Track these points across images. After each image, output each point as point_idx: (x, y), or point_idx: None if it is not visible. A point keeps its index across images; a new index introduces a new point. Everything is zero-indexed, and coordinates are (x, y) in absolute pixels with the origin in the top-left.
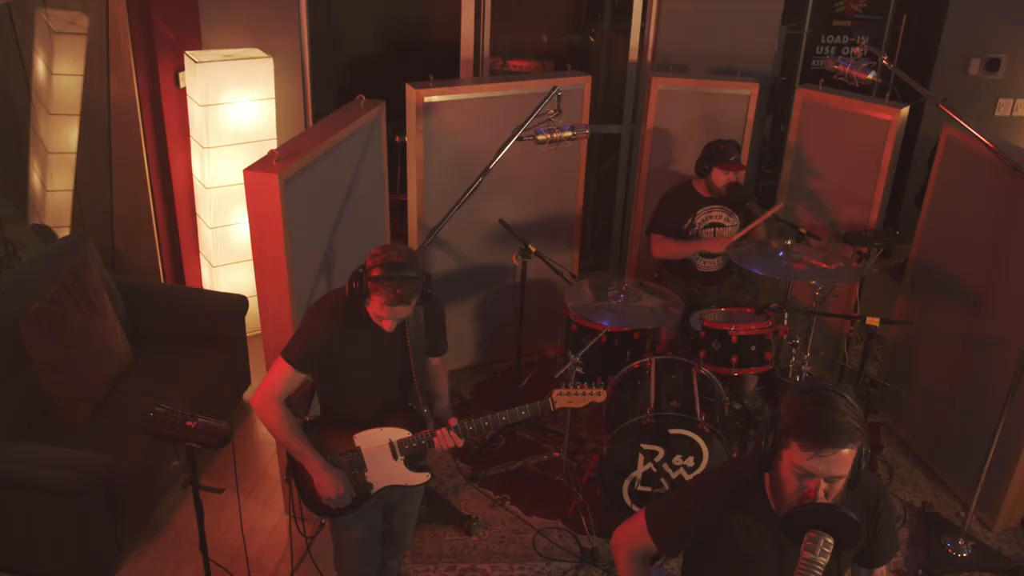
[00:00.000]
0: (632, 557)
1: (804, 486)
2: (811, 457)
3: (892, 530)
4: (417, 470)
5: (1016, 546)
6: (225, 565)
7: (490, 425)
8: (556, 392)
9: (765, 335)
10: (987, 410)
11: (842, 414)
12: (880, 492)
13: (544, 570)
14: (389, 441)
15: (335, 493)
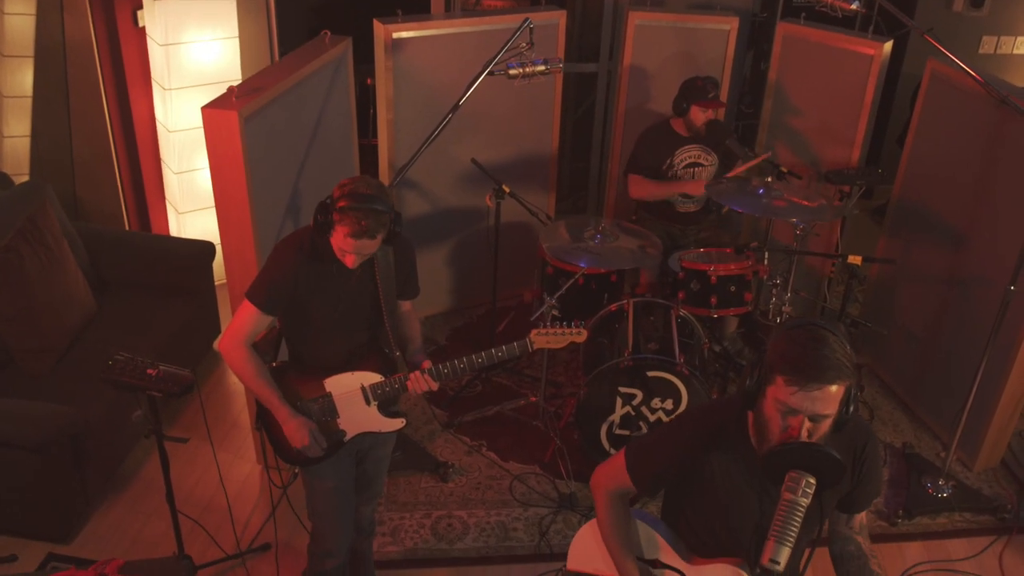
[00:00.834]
0: (611, 498)
1: (787, 425)
2: (796, 392)
3: (876, 476)
4: (391, 416)
5: (996, 486)
6: (196, 516)
7: (466, 367)
8: (534, 332)
9: (745, 275)
10: (969, 350)
11: (831, 350)
12: (867, 436)
13: (522, 516)
14: (361, 386)
15: (304, 441)
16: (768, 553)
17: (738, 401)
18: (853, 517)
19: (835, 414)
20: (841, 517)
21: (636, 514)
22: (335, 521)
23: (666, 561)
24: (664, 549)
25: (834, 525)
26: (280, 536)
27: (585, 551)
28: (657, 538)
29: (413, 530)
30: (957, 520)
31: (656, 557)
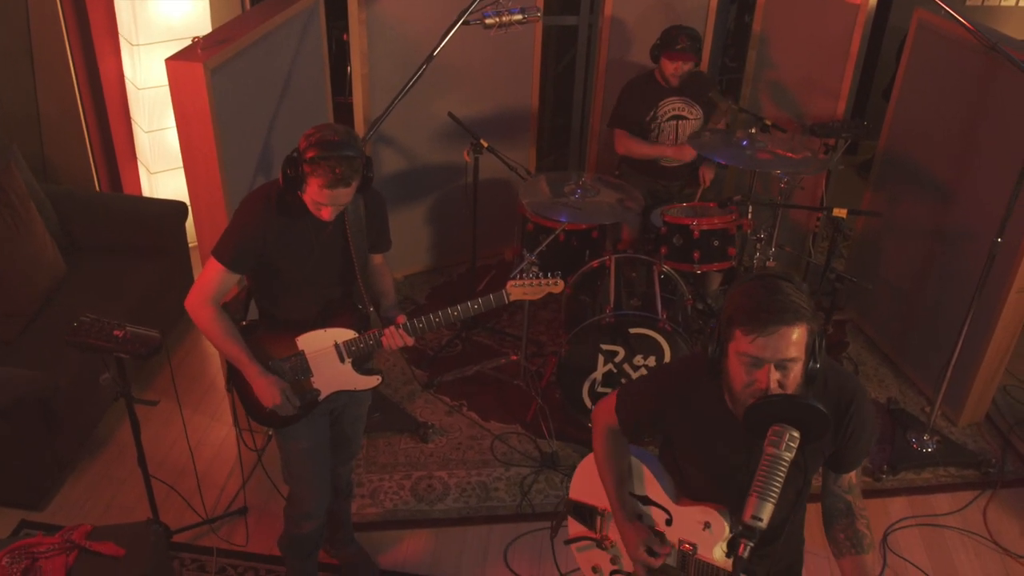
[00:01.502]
0: (607, 432)
1: (754, 379)
2: (755, 339)
3: (864, 435)
4: (366, 373)
5: (981, 441)
6: (172, 481)
7: (441, 321)
8: (510, 284)
9: (728, 229)
10: (954, 305)
11: (784, 295)
12: (854, 393)
13: (503, 475)
14: (334, 343)
15: (276, 400)
16: (750, 509)
17: (705, 365)
18: (841, 476)
19: (802, 360)
20: (830, 475)
21: (633, 451)
22: (311, 483)
23: (655, 499)
24: (654, 487)
25: (825, 482)
26: (257, 500)
27: (585, 482)
28: (649, 475)
29: (393, 491)
30: (942, 475)
31: (646, 494)
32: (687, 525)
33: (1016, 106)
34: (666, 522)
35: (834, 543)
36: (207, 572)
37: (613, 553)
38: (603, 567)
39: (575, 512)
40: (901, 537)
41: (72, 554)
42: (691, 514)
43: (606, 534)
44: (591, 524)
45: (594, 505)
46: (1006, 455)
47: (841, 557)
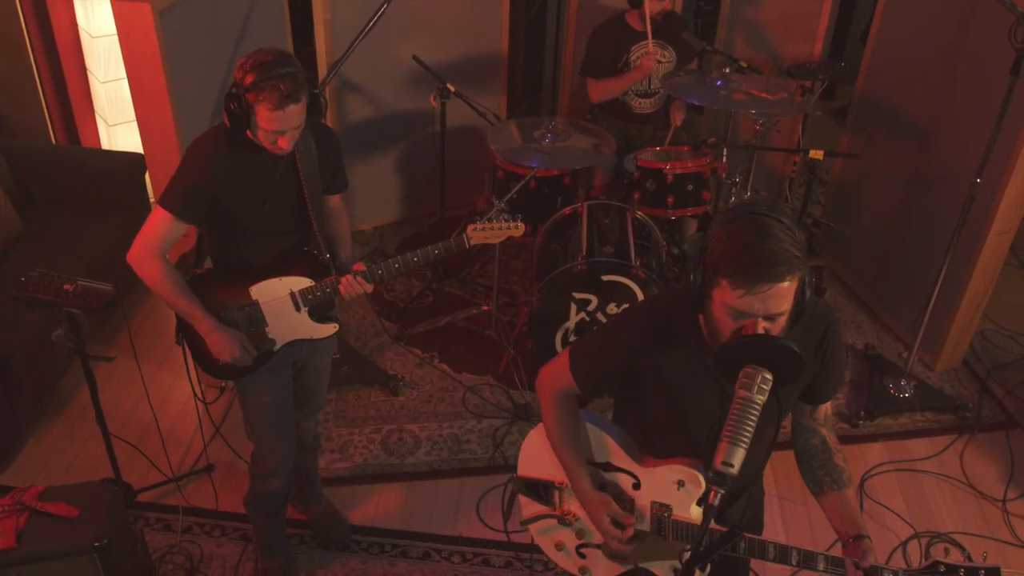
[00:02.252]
0: (557, 399)
1: (740, 327)
2: (744, 295)
3: (840, 363)
4: (323, 321)
5: (958, 385)
6: (136, 440)
7: (401, 267)
8: (470, 227)
9: (703, 173)
10: (932, 249)
11: (777, 241)
12: (828, 320)
13: (475, 428)
14: (290, 291)
15: (234, 354)
16: (721, 455)
17: (687, 296)
18: (817, 408)
19: (791, 308)
20: (805, 409)
21: (585, 416)
22: (276, 438)
23: (617, 463)
24: (615, 451)
25: (797, 418)
26: (224, 457)
27: (535, 456)
28: (607, 440)
29: (363, 445)
30: (919, 420)
31: (607, 460)
32: (658, 486)
33: (995, 45)
34: (633, 486)
35: (813, 481)
36: (173, 531)
37: (578, 528)
38: (567, 544)
39: (527, 490)
40: (878, 482)
41: (23, 516)
42: (661, 474)
43: (568, 509)
44: (548, 500)
45: (549, 480)
46: (983, 399)
47: (822, 495)
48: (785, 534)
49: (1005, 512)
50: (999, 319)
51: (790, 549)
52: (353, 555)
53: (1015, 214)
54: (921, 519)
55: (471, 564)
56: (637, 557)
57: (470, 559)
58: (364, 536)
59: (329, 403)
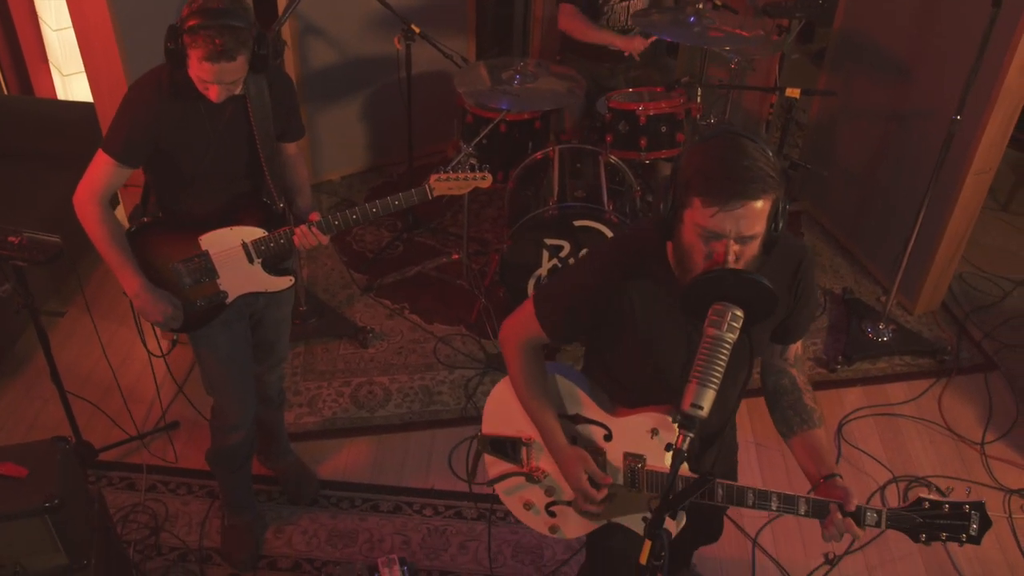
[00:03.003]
0: (523, 350)
1: (711, 250)
2: (716, 213)
3: (812, 299)
4: (278, 274)
5: (936, 328)
6: (99, 398)
7: (359, 218)
8: (433, 177)
9: (676, 114)
10: (911, 190)
11: (751, 159)
12: (802, 253)
13: (447, 379)
14: (242, 242)
15: (157, 319)
16: (689, 397)
17: (655, 229)
18: (788, 348)
19: (763, 233)
20: (775, 348)
21: (552, 367)
22: (234, 392)
23: (588, 415)
24: (585, 402)
25: (767, 358)
26: (189, 414)
27: (501, 413)
28: (576, 391)
29: (331, 399)
30: (897, 364)
31: (577, 412)
32: (630, 436)
33: None
34: (605, 438)
35: (782, 422)
36: (137, 490)
37: (547, 485)
38: (536, 502)
39: (493, 448)
40: (856, 427)
41: None
42: (633, 423)
43: (537, 465)
44: (515, 458)
45: (516, 436)
46: (961, 342)
47: (792, 435)
48: (762, 481)
49: (983, 455)
50: (978, 262)
51: (770, 494)
52: (323, 510)
53: (995, 153)
54: (899, 463)
55: (443, 517)
56: (610, 512)
57: (442, 512)
58: (334, 491)
59: (297, 356)
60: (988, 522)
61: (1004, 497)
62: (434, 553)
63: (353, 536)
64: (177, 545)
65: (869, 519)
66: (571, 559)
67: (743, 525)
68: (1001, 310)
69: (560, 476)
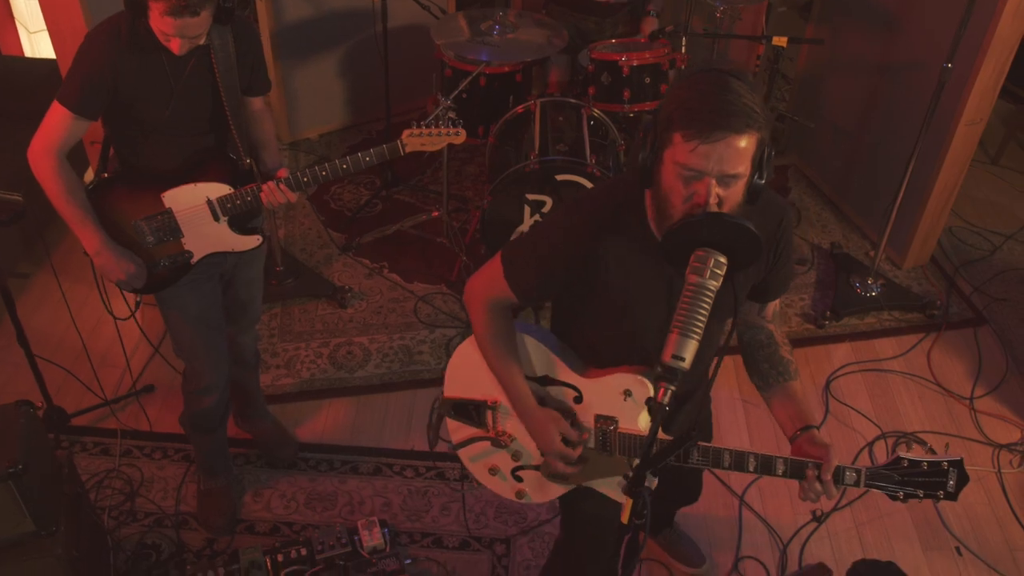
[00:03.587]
0: (490, 309)
1: (691, 192)
2: (697, 146)
3: (790, 259)
4: (246, 233)
5: (925, 283)
6: (70, 363)
7: (329, 174)
8: (406, 133)
9: (660, 64)
10: (900, 142)
11: (737, 95)
12: (781, 213)
13: (428, 338)
14: (207, 199)
15: (118, 277)
16: (671, 348)
17: (632, 180)
18: (766, 306)
19: (747, 175)
20: (753, 307)
21: (519, 327)
22: (206, 354)
23: (557, 377)
24: (554, 363)
25: (744, 315)
26: (164, 377)
27: (464, 375)
28: (545, 352)
29: (310, 360)
30: (885, 319)
31: (546, 373)
32: (602, 398)
33: None
34: (575, 400)
35: (758, 375)
36: (111, 455)
37: (514, 449)
38: (502, 468)
39: (456, 412)
40: (844, 383)
41: None
42: (605, 385)
43: (503, 429)
44: (480, 422)
45: (481, 400)
46: (950, 297)
47: (768, 389)
48: (750, 440)
49: (972, 410)
50: (968, 216)
51: (747, 455)
52: (301, 473)
53: (986, 103)
54: (887, 419)
55: (424, 478)
56: (579, 476)
57: (423, 473)
58: (312, 453)
59: (274, 318)
60: (966, 478)
61: (993, 452)
62: (415, 515)
63: (333, 499)
64: (152, 510)
65: (848, 479)
66: (554, 518)
67: (730, 484)
68: (991, 264)
69: (527, 440)
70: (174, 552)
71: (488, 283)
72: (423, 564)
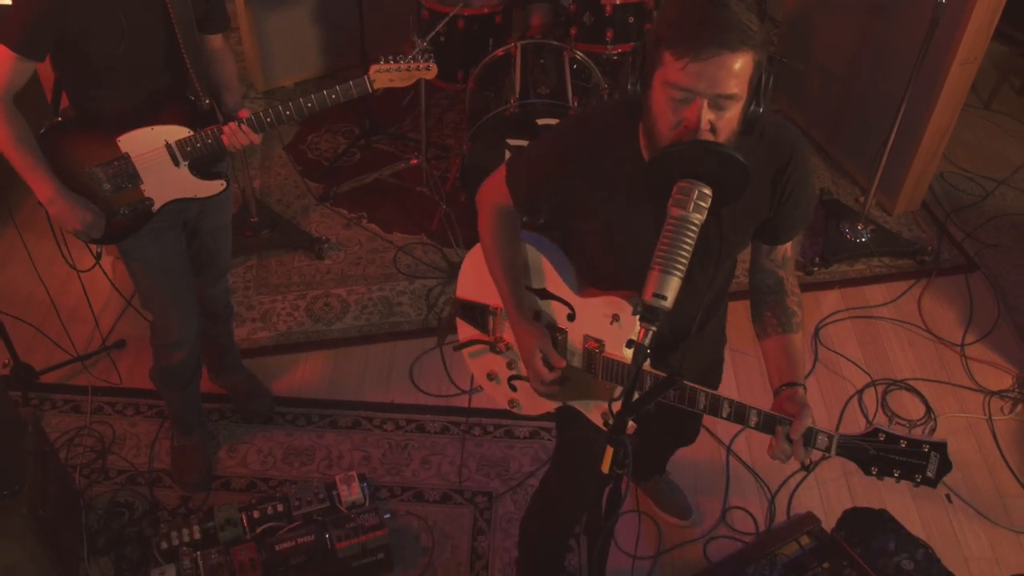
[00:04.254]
0: (495, 215)
1: (682, 117)
2: (687, 64)
3: (805, 198)
4: (209, 177)
5: (916, 229)
6: (39, 321)
7: (293, 114)
8: (373, 68)
9: (644, 3)
10: (892, 83)
11: (730, 11)
12: (793, 146)
13: (407, 289)
14: (165, 143)
15: (75, 227)
16: (651, 286)
17: (626, 107)
18: (775, 249)
19: (743, 100)
20: (762, 248)
21: (527, 237)
22: (173, 307)
23: (554, 291)
24: (552, 278)
25: (755, 256)
26: (137, 331)
27: (473, 277)
28: (546, 264)
29: (286, 313)
30: (875, 265)
31: (543, 286)
32: (592, 319)
33: None
34: (568, 317)
35: (759, 322)
36: (82, 412)
37: (509, 357)
38: (499, 373)
39: (464, 312)
40: (833, 331)
41: None
42: (596, 306)
43: (500, 335)
44: (482, 325)
45: (485, 303)
46: (942, 243)
47: (765, 337)
48: (737, 389)
49: (963, 357)
50: (960, 161)
51: (722, 400)
52: (278, 427)
53: (981, 41)
54: (877, 367)
55: (404, 431)
56: (567, 394)
57: (403, 426)
58: (289, 407)
59: (249, 270)
60: (948, 465)
61: (984, 399)
62: (395, 468)
63: (310, 453)
64: (125, 468)
65: (819, 443)
66: (537, 471)
67: (716, 432)
68: (983, 210)
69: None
70: (148, 510)
71: (494, 187)
72: (403, 519)
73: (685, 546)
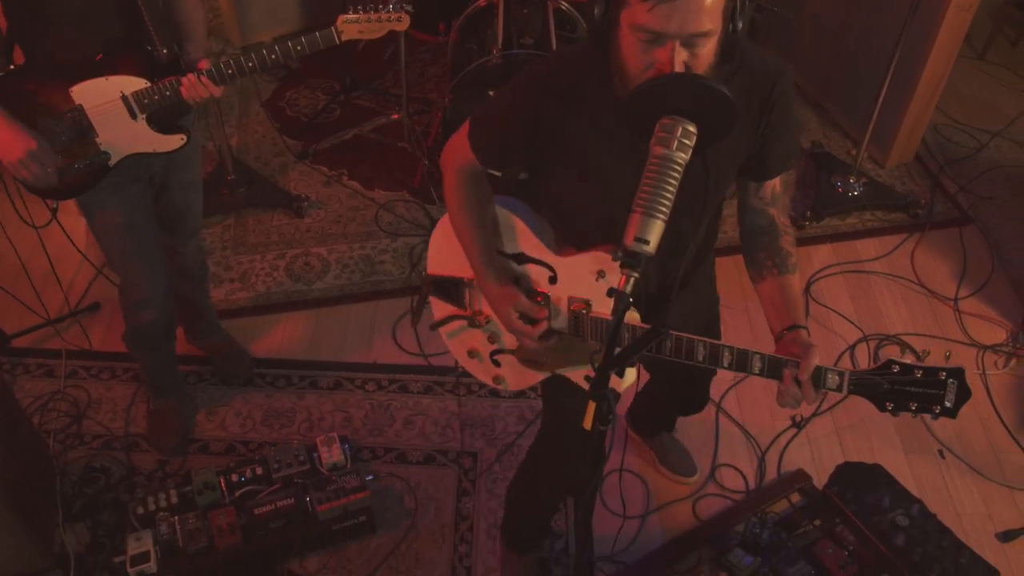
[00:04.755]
0: (460, 176)
1: (653, 60)
2: (653, 7)
3: (789, 127)
4: (169, 131)
5: (909, 182)
6: (10, 283)
7: (256, 65)
8: (341, 19)
9: None
10: (884, 32)
11: None
12: (777, 74)
13: (389, 247)
14: (121, 94)
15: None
16: (633, 230)
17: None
18: (763, 185)
19: (718, 32)
20: (749, 186)
21: (498, 200)
22: (138, 265)
23: (532, 254)
24: (529, 240)
25: (742, 196)
26: (112, 294)
27: (443, 249)
28: (521, 227)
29: (265, 273)
30: (868, 219)
31: (520, 251)
32: (576, 278)
33: None
34: (550, 280)
35: (752, 265)
36: (55, 377)
37: (490, 331)
38: (480, 349)
39: (437, 289)
40: (825, 286)
41: None
42: (579, 264)
43: (479, 308)
44: (458, 300)
45: (460, 276)
46: (935, 196)
47: (760, 280)
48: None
49: (956, 311)
50: (953, 113)
51: (721, 348)
52: (257, 389)
53: None
54: (870, 321)
55: (387, 391)
56: (555, 363)
57: (386, 386)
58: (269, 368)
59: (227, 229)
60: (967, 392)
61: (978, 353)
62: (378, 429)
63: (290, 415)
64: (101, 433)
65: (830, 382)
66: (525, 431)
67: None
68: (977, 162)
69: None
70: (124, 475)
71: (457, 146)
72: (386, 480)
73: (674, 505)
